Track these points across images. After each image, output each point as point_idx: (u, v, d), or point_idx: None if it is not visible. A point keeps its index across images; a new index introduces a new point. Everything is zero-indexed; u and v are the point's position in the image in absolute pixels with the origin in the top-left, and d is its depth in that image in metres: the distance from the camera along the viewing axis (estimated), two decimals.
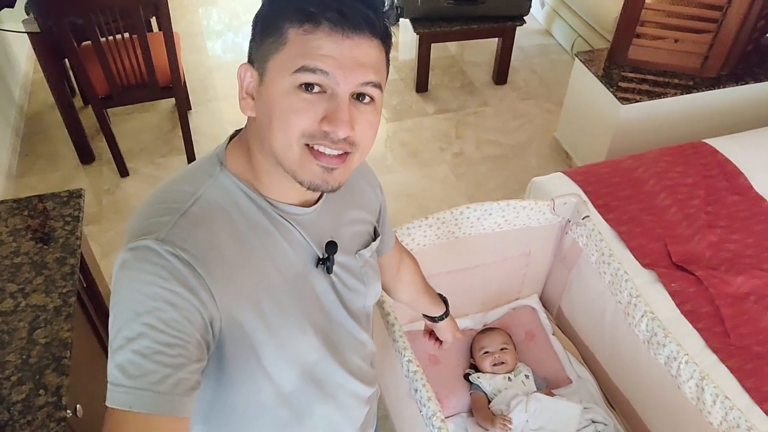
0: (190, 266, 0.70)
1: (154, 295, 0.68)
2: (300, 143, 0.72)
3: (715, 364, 1.58)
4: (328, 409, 0.93)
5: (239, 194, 0.78)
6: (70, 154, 2.96)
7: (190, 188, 0.76)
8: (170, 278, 0.68)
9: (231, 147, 0.81)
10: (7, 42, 3.24)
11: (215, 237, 0.74)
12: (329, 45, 0.70)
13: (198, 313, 0.70)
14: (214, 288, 0.72)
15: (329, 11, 0.69)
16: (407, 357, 1.39)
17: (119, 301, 0.69)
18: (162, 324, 0.67)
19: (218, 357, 0.77)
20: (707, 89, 2.52)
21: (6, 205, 1.56)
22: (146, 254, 0.69)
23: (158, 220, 0.72)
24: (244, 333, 0.76)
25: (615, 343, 1.71)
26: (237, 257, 0.75)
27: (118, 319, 0.69)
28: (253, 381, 0.81)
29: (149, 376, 0.66)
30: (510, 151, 3.11)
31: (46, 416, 1.14)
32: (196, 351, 0.70)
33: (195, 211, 0.74)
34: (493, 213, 1.72)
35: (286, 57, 0.71)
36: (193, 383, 0.70)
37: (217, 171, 0.78)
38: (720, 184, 2.04)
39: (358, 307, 0.95)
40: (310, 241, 0.84)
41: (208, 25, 4.05)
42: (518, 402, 1.66)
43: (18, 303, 1.33)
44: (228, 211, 0.77)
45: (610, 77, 2.57)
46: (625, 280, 1.61)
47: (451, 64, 3.72)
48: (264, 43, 0.73)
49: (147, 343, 0.67)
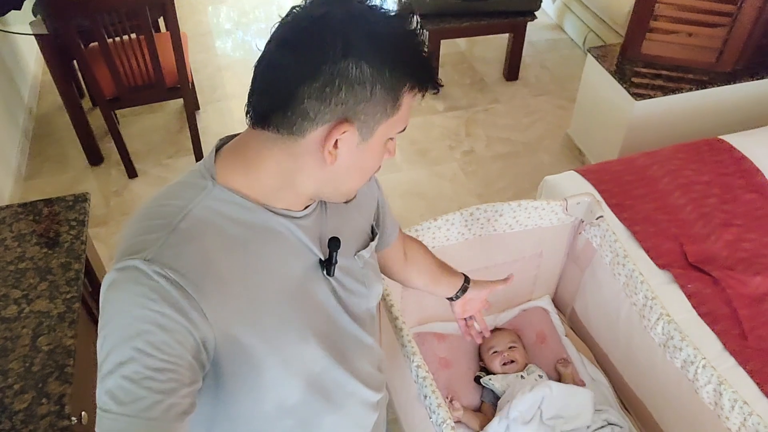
0: (180, 287, 0.67)
1: (144, 318, 0.66)
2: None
3: (733, 368, 1.54)
4: (336, 418, 0.91)
5: (233, 207, 0.75)
6: (79, 156, 2.95)
7: (180, 203, 0.73)
8: (159, 300, 0.66)
9: (223, 160, 0.77)
10: (16, 44, 3.24)
11: (206, 253, 0.71)
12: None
13: (189, 335, 0.68)
14: (206, 307, 0.69)
15: (433, 84, 0.76)
16: (416, 362, 1.37)
17: (108, 323, 0.67)
18: (152, 348, 0.65)
19: (216, 374, 0.75)
20: (722, 84, 2.46)
21: (11, 209, 1.55)
22: (134, 275, 0.67)
23: (146, 237, 0.70)
24: (242, 348, 0.74)
25: (630, 346, 1.67)
26: (231, 272, 0.73)
27: (107, 342, 0.67)
28: (254, 395, 0.79)
29: (139, 403, 0.64)
30: (521, 148, 3.07)
31: (49, 425, 1.12)
32: (188, 374, 0.68)
33: (184, 227, 0.71)
34: (504, 214, 1.69)
35: (397, 120, 0.75)
36: (186, 407, 0.68)
37: (209, 186, 0.75)
38: (736, 181, 1.99)
39: (361, 310, 0.93)
40: (310, 244, 0.82)
41: (216, 24, 4.04)
42: (529, 388, 1.62)
43: (22, 309, 1.32)
44: (220, 225, 0.74)
45: (623, 72, 2.52)
46: (640, 281, 1.57)
47: (460, 60, 3.68)
48: (375, 104, 0.72)
49: (137, 368, 0.65)
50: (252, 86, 0.73)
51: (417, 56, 0.73)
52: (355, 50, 0.68)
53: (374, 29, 0.70)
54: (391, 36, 0.71)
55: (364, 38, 0.69)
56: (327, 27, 0.68)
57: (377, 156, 0.78)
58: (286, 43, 0.70)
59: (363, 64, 0.68)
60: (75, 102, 2.75)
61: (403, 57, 0.72)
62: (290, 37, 0.70)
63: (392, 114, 0.74)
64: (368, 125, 0.73)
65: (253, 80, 0.73)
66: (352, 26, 0.68)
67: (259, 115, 0.73)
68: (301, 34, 0.69)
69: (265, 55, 0.72)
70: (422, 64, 0.74)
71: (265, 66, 0.72)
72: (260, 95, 0.72)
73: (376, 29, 0.70)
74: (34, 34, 2.54)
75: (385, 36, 0.70)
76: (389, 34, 0.71)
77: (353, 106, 0.70)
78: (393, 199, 2.77)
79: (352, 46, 0.68)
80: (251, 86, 0.73)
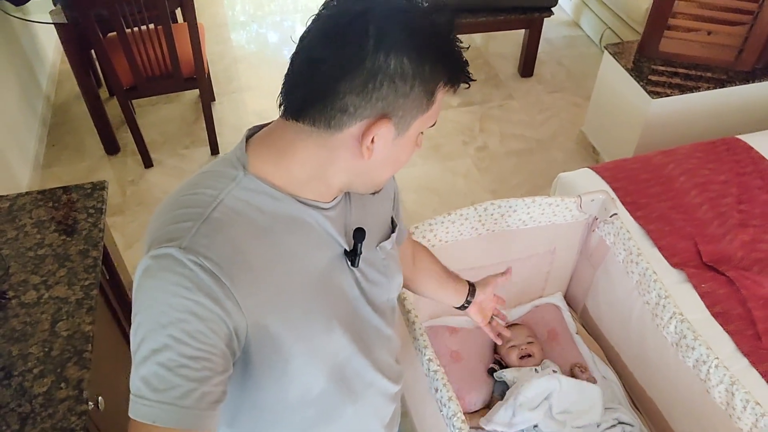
0: (215, 276, 0.68)
1: (179, 306, 0.66)
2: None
3: (745, 369, 1.53)
4: (356, 408, 0.92)
5: (263, 198, 0.76)
6: (96, 145, 2.98)
7: (212, 191, 0.74)
8: (194, 289, 0.67)
9: (254, 149, 0.78)
10: (36, 33, 3.27)
11: (238, 243, 0.72)
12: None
13: (223, 324, 0.69)
14: (239, 296, 0.70)
15: (465, 81, 0.77)
16: (428, 356, 1.37)
17: (142, 309, 0.68)
18: (187, 336, 0.66)
19: (244, 361, 0.76)
20: (741, 83, 2.44)
21: (31, 196, 1.57)
22: (170, 263, 0.67)
23: (180, 226, 0.70)
24: (270, 337, 0.75)
25: (642, 344, 1.67)
26: (260, 262, 0.74)
27: (141, 329, 0.67)
28: (280, 383, 0.80)
29: (174, 390, 0.65)
30: (535, 145, 3.06)
31: (67, 410, 1.14)
32: (221, 362, 0.69)
33: (217, 216, 0.72)
34: (517, 209, 1.69)
35: (430, 115, 0.76)
36: (218, 395, 0.69)
37: (240, 175, 0.75)
38: (754, 181, 1.98)
39: (382, 300, 0.93)
40: (336, 235, 0.82)
41: (233, 16, 4.05)
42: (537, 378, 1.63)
43: (41, 295, 1.34)
44: (250, 216, 0.74)
45: (641, 70, 2.51)
46: (653, 280, 1.56)
47: (476, 56, 3.67)
48: (413, 99, 0.72)
49: (171, 356, 0.65)
50: (288, 78, 0.73)
51: (453, 51, 0.73)
52: (396, 45, 0.68)
53: (414, 24, 0.69)
54: (430, 30, 0.70)
55: (405, 33, 0.68)
56: (368, 22, 0.67)
57: (410, 150, 0.79)
58: (327, 38, 0.69)
59: (404, 59, 0.68)
60: (92, 91, 2.77)
61: (441, 52, 0.72)
62: (331, 31, 0.69)
63: (427, 109, 0.74)
64: (405, 120, 0.73)
65: (290, 73, 0.72)
66: (392, 21, 0.68)
67: (295, 107, 0.72)
68: (342, 28, 0.69)
69: (303, 47, 0.71)
70: (457, 59, 0.74)
71: (303, 59, 0.71)
72: (297, 88, 0.72)
73: (416, 24, 0.69)
74: (54, 23, 2.56)
75: (425, 30, 0.70)
76: (428, 29, 0.70)
77: (393, 101, 0.70)
78: (406, 193, 2.78)
79: (394, 41, 0.67)
80: (286, 78, 0.73)
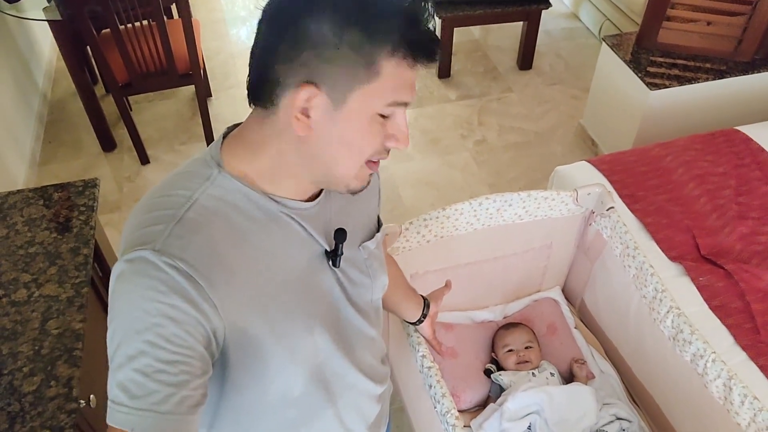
0: (190, 277, 0.66)
1: (153, 311, 0.65)
2: (364, 162, 0.74)
3: (744, 362, 1.52)
4: (337, 409, 0.90)
5: (239, 196, 0.74)
6: (92, 142, 2.97)
7: (186, 192, 0.72)
8: (169, 292, 0.65)
9: (228, 147, 0.76)
10: (32, 30, 3.26)
11: (214, 243, 0.70)
12: (413, 76, 0.71)
13: (200, 326, 0.67)
14: (216, 297, 0.69)
15: (424, 53, 0.69)
16: (421, 352, 1.36)
17: (117, 315, 0.67)
18: (163, 341, 0.65)
19: (223, 363, 0.75)
20: (741, 74, 2.42)
21: (22, 194, 1.57)
22: (143, 266, 0.66)
23: (153, 228, 0.69)
24: (249, 339, 0.74)
25: (639, 339, 1.66)
26: (238, 262, 0.72)
27: (117, 334, 0.66)
28: (259, 384, 0.79)
29: (151, 396, 0.64)
30: (534, 138, 3.04)
31: (57, 408, 1.14)
32: (199, 365, 0.67)
33: (191, 216, 0.70)
34: (513, 204, 1.67)
35: (379, 89, 0.69)
36: (198, 399, 0.68)
37: (214, 173, 0.74)
38: (753, 173, 1.96)
39: (365, 301, 0.92)
40: (316, 235, 0.81)
41: (231, 11, 4.03)
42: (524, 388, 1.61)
43: (31, 293, 1.33)
44: (227, 214, 0.73)
45: (639, 62, 2.48)
46: (650, 274, 1.55)
47: (474, 48, 3.65)
48: (342, 66, 0.67)
49: (148, 361, 0.64)
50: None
51: (400, 15, 0.67)
52: (319, 8, 0.65)
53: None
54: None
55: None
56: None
57: (363, 131, 0.71)
58: (264, 15, 0.70)
59: (326, 21, 0.65)
60: (88, 88, 2.76)
61: (380, 15, 0.66)
62: (267, 8, 0.70)
63: (369, 80, 0.68)
64: (338, 90, 0.68)
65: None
66: None
67: (249, 90, 0.74)
68: (275, 3, 0.69)
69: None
70: (408, 24, 0.67)
71: (253, 43, 0.72)
72: (250, 70, 0.73)
73: None
74: (48, 20, 2.55)
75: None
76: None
77: (316, 67, 0.67)
78: (404, 188, 2.76)
79: (320, 6, 0.65)
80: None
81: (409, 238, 1.62)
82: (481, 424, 1.62)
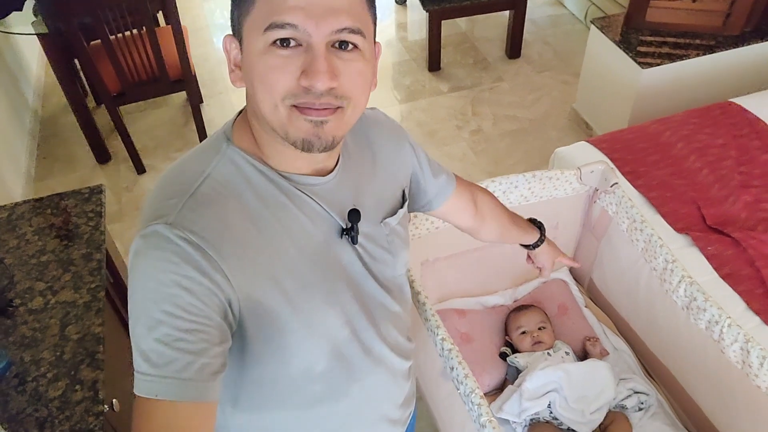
0: (201, 249, 0.68)
1: (169, 282, 0.66)
2: (285, 104, 0.69)
3: (758, 327, 1.53)
4: (363, 385, 0.90)
5: (249, 169, 0.76)
6: (87, 155, 2.96)
7: (199, 167, 0.74)
8: (182, 263, 0.67)
9: (237, 123, 0.79)
10: (19, 47, 3.24)
11: (226, 216, 0.72)
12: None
13: (214, 296, 0.69)
14: (228, 269, 0.70)
15: None
16: (441, 335, 1.37)
17: (136, 289, 0.68)
18: (180, 310, 0.66)
19: (240, 336, 0.75)
20: (731, 48, 2.44)
21: (28, 205, 1.56)
22: (156, 240, 0.67)
23: (167, 202, 0.71)
24: (264, 311, 0.74)
25: (651, 312, 1.67)
26: (251, 235, 0.73)
27: (136, 308, 0.68)
28: (279, 358, 0.79)
29: (173, 364, 0.66)
30: (528, 125, 3.05)
31: (84, 411, 1.13)
32: (217, 333, 0.69)
33: (204, 190, 0.72)
34: (518, 185, 1.68)
35: (257, 17, 0.68)
36: (217, 367, 0.69)
37: (224, 147, 0.76)
38: (752, 143, 1.98)
39: (387, 277, 0.92)
40: (331, 212, 0.81)
41: (213, 18, 4.02)
42: (542, 366, 1.62)
43: (48, 301, 1.32)
44: (239, 188, 0.74)
45: (629, 42, 2.50)
46: (659, 245, 1.56)
47: (462, 40, 3.66)
48: (238, 8, 0.71)
49: (167, 331, 0.66)
50: None
51: None
52: None
53: None
54: None
55: None
56: None
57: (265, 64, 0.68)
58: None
59: None
60: (80, 101, 2.75)
61: None
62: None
63: (249, 10, 0.69)
64: (237, 30, 0.72)
65: None
66: None
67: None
68: None
69: None
70: None
71: None
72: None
73: None
74: (36, 34, 2.53)
75: None
76: None
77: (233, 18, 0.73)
78: None
79: None
80: None
81: (419, 225, 1.63)
82: (500, 406, 1.63)
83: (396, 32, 3.79)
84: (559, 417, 1.58)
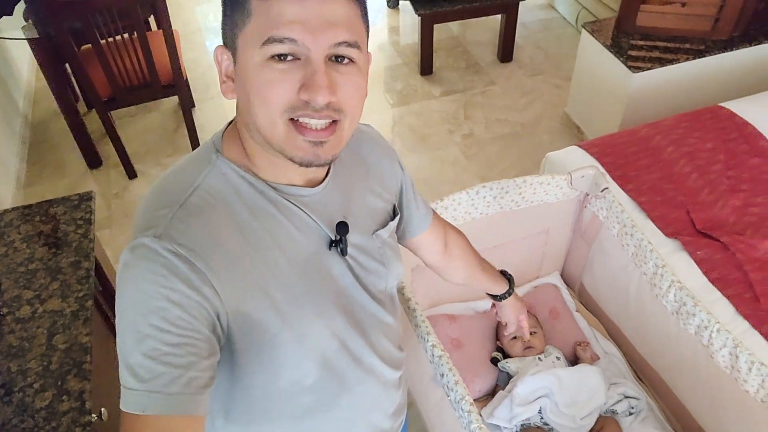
0: (189, 262, 0.68)
1: (157, 295, 0.66)
2: (284, 118, 0.69)
3: (747, 331, 1.54)
4: (353, 396, 0.90)
5: (238, 180, 0.76)
6: (77, 160, 2.94)
7: (189, 178, 0.74)
8: (170, 276, 0.67)
9: (227, 134, 0.79)
10: (9, 52, 3.23)
11: (216, 228, 0.72)
12: (292, 8, 0.66)
13: (203, 309, 0.68)
14: (216, 282, 0.69)
15: None
16: (431, 342, 1.37)
17: (123, 303, 0.68)
18: (167, 324, 0.66)
19: (229, 348, 0.75)
20: (720, 52, 2.46)
21: (17, 212, 1.55)
22: (145, 253, 0.67)
23: (157, 213, 0.71)
24: (253, 324, 0.74)
25: (641, 316, 1.68)
26: (240, 247, 0.73)
27: (123, 321, 0.68)
28: (269, 370, 0.79)
29: (160, 378, 0.65)
30: (520, 129, 3.06)
31: (71, 422, 1.12)
32: (205, 347, 0.68)
33: (194, 201, 0.72)
34: (509, 191, 1.68)
35: (253, 30, 0.68)
36: (206, 380, 0.68)
37: (214, 158, 0.76)
38: (740, 147, 1.99)
39: (379, 288, 0.91)
40: (320, 223, 0.80)
41: (205, 22, 4.02)
42: (533, 371, 1.62)
43: (35, 309, 1.31)
44: (228, 199, 0.74)
45: (620, 46, 2.51)
46: (649, 250, 1.57)
47: (454, 44, 3.67)
48: (232, 20, 0.71)
49: (154, 345, 0.65)
50: None
51: None
52: None
53: None
54: None
55: None
56: None
57: (262, 79, 0.68)
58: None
59: None
60: (71, 105, 2.74)
61: None
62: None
63: (245, 23, 0.68)
64: (231, 42, 0.72)
65: None
66: None
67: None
68: None
69: None
70: None
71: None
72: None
73: None
74: (26, 38, 2.52)
75: None
76: None
77: (225, 29, 0.72)
78: None
79: None
80: None
81: None
82: (491, 411, 1.63)
83: (388, 36, 3.79)
84: (550, 422, 1.58)
